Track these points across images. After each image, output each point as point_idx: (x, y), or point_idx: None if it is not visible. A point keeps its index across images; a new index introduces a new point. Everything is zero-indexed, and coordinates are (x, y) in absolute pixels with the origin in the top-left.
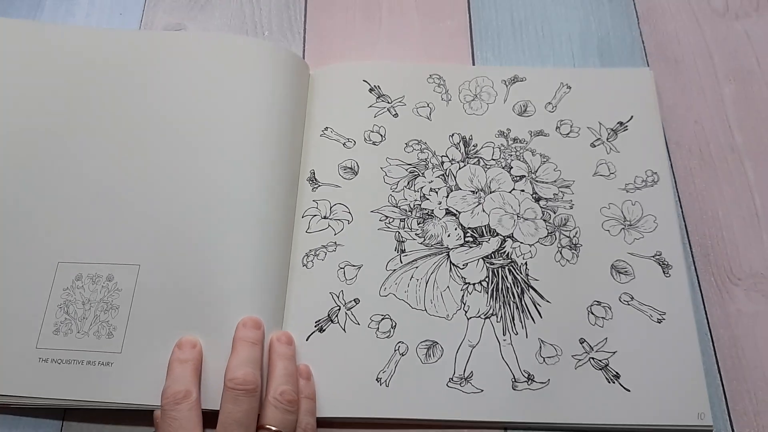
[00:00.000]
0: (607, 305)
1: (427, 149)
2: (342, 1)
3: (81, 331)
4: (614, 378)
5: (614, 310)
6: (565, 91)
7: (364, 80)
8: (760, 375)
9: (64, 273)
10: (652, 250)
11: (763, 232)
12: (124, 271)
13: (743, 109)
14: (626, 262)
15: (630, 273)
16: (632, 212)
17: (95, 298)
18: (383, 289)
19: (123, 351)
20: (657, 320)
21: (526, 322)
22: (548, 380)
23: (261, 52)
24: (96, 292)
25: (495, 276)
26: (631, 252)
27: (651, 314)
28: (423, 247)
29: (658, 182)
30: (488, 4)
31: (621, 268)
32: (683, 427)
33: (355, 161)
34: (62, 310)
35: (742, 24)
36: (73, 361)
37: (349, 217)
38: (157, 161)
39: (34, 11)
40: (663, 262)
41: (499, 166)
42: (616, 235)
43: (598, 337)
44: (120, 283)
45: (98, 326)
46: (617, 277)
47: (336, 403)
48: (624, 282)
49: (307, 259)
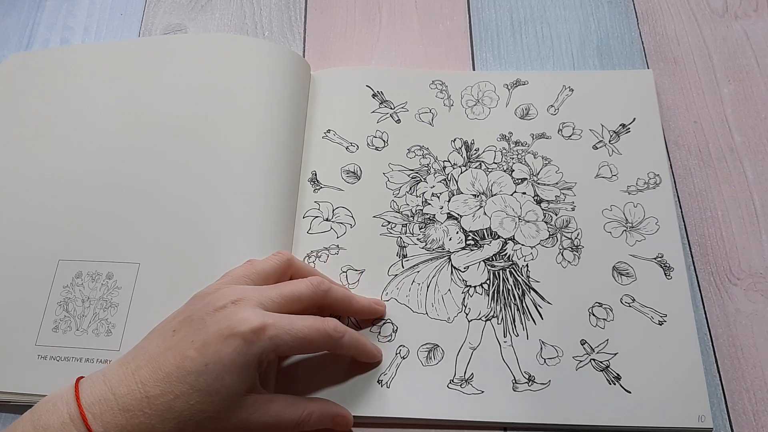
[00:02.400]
0: (609, 307)
1: (429, 155)
2: (342, 2)
3: (80, 328)
4: (615, 380)
5: (615, 311)
6: (567, 94)
7: (367, 86)
8: (759, 374)
9: (64, 271)
10: (653, 252)
11: (762, 231)
12: (124, 269)
13: (742, 110)
14: (628, 264)
15: (631, 275)
16: (634, 214)
17: (95, 296)
18: (385, 294)
19: (121, 349)
20: (658, 322)
21: (526, 323)
22: (549, 381)
23: (262, 51)
24: (96, 289)
25: (496, 278)
26: (632, 254)
27: (652, 316)
28: (424, 252)
29: (660, 184)
30: (488, 6)
31: (622, 270)
32: (684, 429)
33: (358, 166)
34: (62, 307)
35: (741, 24)
36: (72, 358)
37: (351, 221)
38: (158, 161)
39: (35, 12)
40: (664, 264)
41: (501, 170)
42: (618, 237)
43: (599, 338)
44: (120, 281)
45: (97, 324)
46: (619, 278)
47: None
48: (625, 284)
49: (308, 259)
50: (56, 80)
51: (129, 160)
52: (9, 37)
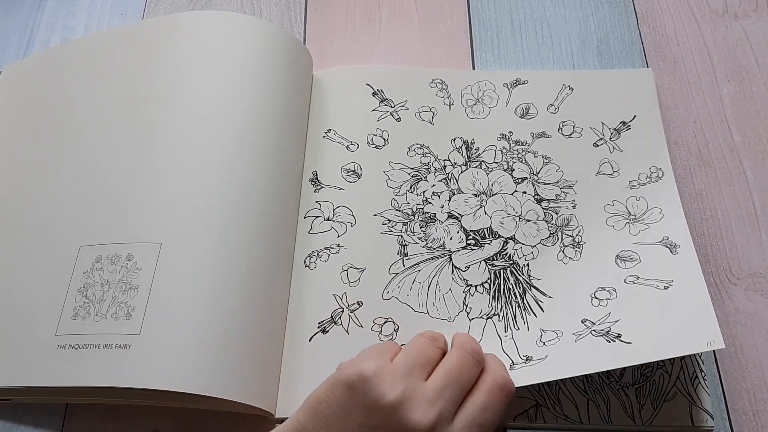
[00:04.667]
0: (612, 288)
1: (429, 153)
2: (342, 1)
3: (99, 313)
4: (615, 338)
5: (619, 290)
6: (567, 93)
7: (367, 84)
8: (759, 374)
9: (84, 257)
10: (659, 236)
11: (762, 231)
12: (145, 249)
13: (742, 109)
14: (632, 251)
15: (636, 259)
16: (637, 207)
17: (114, 279)
18: (386, 293)
19: (142, 333)
20: (664, 287)
21: (527, 317)
22: (546, 356)
23: (266, 32)
24: (115, 272)
25: (497, 277)
26: (636, 242)
27: (657, 285)
28: (425, 251)
29: (663, 177)
30: (488, 5)
31: (626, 257)
32: (687, 427)
33: (359, 164)
34: (81, 294)
35: (741, 24)
36: (90, 345)
37: (352, 220)
38: (172, 142)
39: (35, 12)
40: (670, 243)
41: (501, 169)
42: (621, 229)
43: (601, 314)
44: (140, 263)
45: (116, 307)
46: (622, 264)
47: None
48: (629, 267)
49: (309, 260)
50: (63, 74)
51: (143, 144)
52: (9, 37)
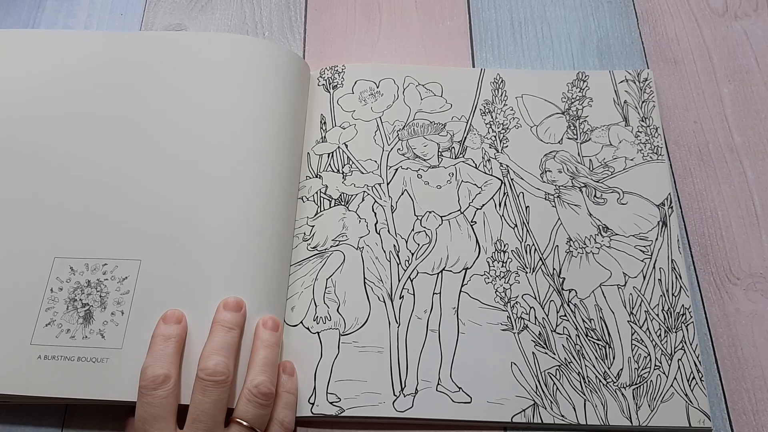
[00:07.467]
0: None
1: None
2: (342, 1)
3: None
4: None
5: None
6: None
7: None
8: (759, 374)
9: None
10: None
11: (762, 231)
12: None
13: (742, 109)
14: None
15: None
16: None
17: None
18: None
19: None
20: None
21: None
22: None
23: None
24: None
25: None
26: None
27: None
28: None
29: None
30: (488, 5)
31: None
32: (683, 428)
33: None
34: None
35: (741, 24)
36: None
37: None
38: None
39: (35, 12)
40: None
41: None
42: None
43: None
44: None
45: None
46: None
47: None
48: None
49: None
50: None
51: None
52: None
